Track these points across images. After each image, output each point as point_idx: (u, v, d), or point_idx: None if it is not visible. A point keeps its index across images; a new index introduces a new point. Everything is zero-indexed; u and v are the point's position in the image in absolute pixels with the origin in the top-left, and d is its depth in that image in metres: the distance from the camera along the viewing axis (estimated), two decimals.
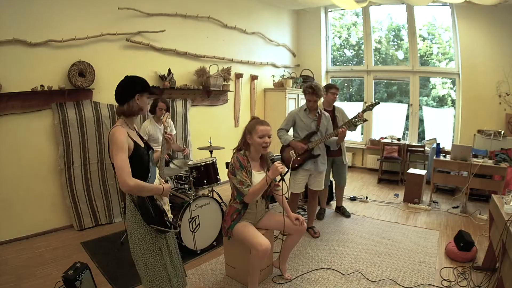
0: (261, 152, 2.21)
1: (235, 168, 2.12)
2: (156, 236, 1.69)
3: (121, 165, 1.49)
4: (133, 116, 1.67)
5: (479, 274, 2.51)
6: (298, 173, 3.02)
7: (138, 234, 1.64)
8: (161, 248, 1.71)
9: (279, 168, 2.01)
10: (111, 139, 1.54)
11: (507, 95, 4.60)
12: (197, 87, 4.40)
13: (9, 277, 2.46)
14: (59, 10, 3.13)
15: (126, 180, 1.47)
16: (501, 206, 2.22)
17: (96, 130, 3.44)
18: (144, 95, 1.66)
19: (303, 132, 3.03)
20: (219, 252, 2.88)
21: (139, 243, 1.64)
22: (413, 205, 4.13)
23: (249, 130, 2.17)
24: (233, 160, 2.17)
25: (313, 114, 3.04)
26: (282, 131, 3.09)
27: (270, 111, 5.79)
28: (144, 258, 1.66)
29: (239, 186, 2.09)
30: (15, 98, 2.94)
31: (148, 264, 1.67)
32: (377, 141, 5.79)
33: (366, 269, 2.61)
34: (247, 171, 2.14)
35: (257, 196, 2.14)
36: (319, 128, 3.01)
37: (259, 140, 2.12)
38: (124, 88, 1.64)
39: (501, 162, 3.82)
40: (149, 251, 1.66)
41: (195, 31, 4.44)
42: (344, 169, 3.72)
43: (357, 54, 6.52)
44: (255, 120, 2.23)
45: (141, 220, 1.63)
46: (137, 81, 1.67)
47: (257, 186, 2.08)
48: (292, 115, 3.10)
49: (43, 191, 3.21)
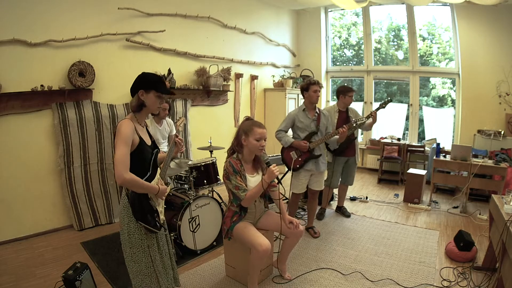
0: (256, 154, 2.18)
1: (229, 173, 2.10)
2: (146, 234, 1.69)
3: (121, 157, 1.50)
4: (138, 111, 1.67)
5: (479, 274, 2.51)
6: (300, 174, 3.02)
7: (128, 228, 1.65)
8: (149, 246, 1.71)
9: (275, 172, 1.98)
10: (117, 130, 1.56)
11: (507, 95, 4.61)
12: (197, 87, 4.40)
13: (9, 277, 2.46)
14: (59, 10, 3.13)
15: (123, 173, 1.49)
16: (501, 206, 2.22)
17: (96, 130, 3.44)
18: (151, 92, 1.65)
19: (303, 132, 3.02)
20: (219, 252, 2.88)
21: (128, 237, 1.65)
22: (413, 205, 4.13)
23: (245, 131, 2.11)
24: (226, 165, 2.14)
25: (312, 113, 3.03)
26: (281, 133, 3.06)
27: (270, 111, 5.79)
28: (132, 251, 1.67)
29: (235, 191, 2.07)
30: (15, 98, 2.94)
31: (135, 258, 1.68)
32: (377, 141, 5.79)
33: (366, 269, 2.61)
34: (241, 175, 2.12)
35: (254, 199, 2.12)
36: (319, 127, 3.01)
37: (256, 143, 2.08)
38: (134, 82, 1.67)
39: (501, 162, 3.82)
40: (137, 246, 1.67)
41: (195, 31, 4.45)
42: (355, 169, 3.74)
43: (357, 54, 6.52)
44: (251, 121, 2.19)
45: (132, 214, 1.64)
46: (146, 77, 1.68)
47: (253, 190, 2.07)
48: (292, 117, 3.07)
49: (43, 191, 3.21)
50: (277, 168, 2.01)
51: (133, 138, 1.58)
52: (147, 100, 1.65)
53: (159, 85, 1.67)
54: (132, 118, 1.65)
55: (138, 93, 1.64)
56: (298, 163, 2.98)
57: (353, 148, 3.54)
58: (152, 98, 1.66)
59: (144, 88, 1.64)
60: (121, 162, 1.49)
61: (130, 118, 1.64)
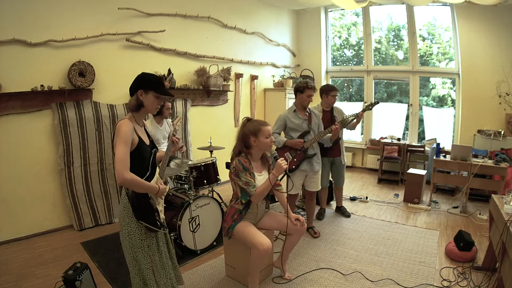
0: (266, 151, 2.23)
1: (238, 170, 2.13)
2: (146, 233, 1.69)
3: (121, 157, 1.50)
4: (136, 111, 1.68)
5: (479, 274, 2.51)
6: (295, 175, 3.01)
7: (128, 227, 1.65)
8: (149, 245, 1.71)
9: (283, 165, 2.02)
10: (117, 130, 1.56)
11: (507, 95, 4.60)
12: (197, 87, 4.40)
13: (9, 277, 2.46)
14: (59, 10, 3.13)
15: (123, 173, 1.49)
16: (501, 206, 2.22)
17: (96, 130, 3.44)
18: (149, 92, 1.65)
19: (295, 133, 3.01)
20: (219, 252, 2.88)
21: (128, 237, 1.65)
22: (413, 205, 4.13)
23: (254, 132, 2.15)
24: (235, 163, 2.17)
25: (303, 113, 3.03)
26: (274, 135, 3.02)
27: (270, 111, 5.79)
28: (132, 252, 1.67)
29: (246, 187, 2.10)
30: (15, 98, 2.94)
31: (136, 258, 1.68)
32: (377, 141, 5.79)
33: (366, 269, 2.61)
34: (250, 173, 2.15)
35: (264, 195, 2.15)
36: (311, 126, 3.01)
37: (267, 141, 2.15)
38: (133, 82, 1.67)
39: (501, 162, 3.82)
40: (137, 246, 1.67)
41: (195, 31, 4.45)
42: (343, 170, 3.73)
43: (357, 54, 6.52)
44: (255, 121, 2.22)
45: (133, 214, 1.64)
46: (144, 77, 1.68)
47: (263, 186, 2.11)
48: (282, 118, 3.04)
49: (43, 191, 3.21)
50: (285, 162, 2.03)
51: (132, 137, 1.58)
52: (145, 100, 1.65)
53: (158, 85, 1.67)
54: (130, 118, 1.65)
55: (137, 93, 1.64)
56: (293, 164, 2.97)
57: (338, 149, 3.51)
58: (151, 99, 1.67)
59: (143, 88, 1.64)
60: (121, 162, 1.49)
61: (129, 118, 1.64)
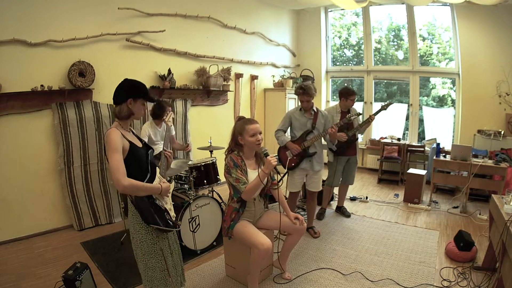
0: (255, 149, 2.23)
1: (229, 167, 2.14)
2: (158, 237, 1.68)
3: (116, 165, 1.49)
4: (123, 119, 1.65)
5: (479, 274, 2.51)
6: (295, 173, 3.07)
7: (139, 235, 1.64)
8: (162, 248, 1.70)
9: (272, 161, 2.01)
10: (106, 140, 1.55)
11: (507, 95, 4.60)
12: (197, 87, 4.40)
13: (9, 277, 2.45)
14: (59, 10, 3.12)
15: (120, 180, 1.47)
16: (501, 206, 2.22)
17: (96, 130, 3.44)
18: (138, 100, 1.64)
19: (299, 131, 3.06)
20: (219, 252, 2.88)
21: (140, 244, 1.65)
22: (413, 205, 4.13)
23: (239, 132, 2.17)
24: (227, 160, 2.19)
25: (309, 113, 3.06)
26: (279, 132, 3.11)
27: (270, 111, 5.79)
28: (144, 258, 1.66)
29: (236, 184, 2.10)
30: (15, 98, 2.94)
31: (149, 265, 1.67)
32: (377, 141, 5.79)
33: (366, 269, 2.61)
34: (242, 170, 2.15)
35: (255, 192, 2.14)
36: (315, 126, 3.03)
37: (252, 139, 2.14)
38: (119, 90, 1.63)
39: (501, 162, 3.82)
40: (150, 253, 1.66)
41: (195, 31, 4.44)
42: (355, 168, 3.77)
43: (357, 54, 6.52)
44: (242, 120, 2.23)
45: (142, 220, 1.63)
46: (134, 85, 1.65)
47: (253, 182, 2.08)
48: (288, 115, 3.13)
49: (43, 191, 3.21)
50: (274, 158, 2.03)
51: (123, 144, 1.56)
52: (134, 108, 1.64)
53: (146, 93, 1.67)
54: (117, 126, 1.63)
55: (126, 102, 1.61)
56: (293, 162, 3.02)
57: (354, 148, 3.59)
58: (139, 106, 1.66)
59: (133, 97, 1.62)
60: (116, 169, 1.48)
61: (115, 126, 1.62)
